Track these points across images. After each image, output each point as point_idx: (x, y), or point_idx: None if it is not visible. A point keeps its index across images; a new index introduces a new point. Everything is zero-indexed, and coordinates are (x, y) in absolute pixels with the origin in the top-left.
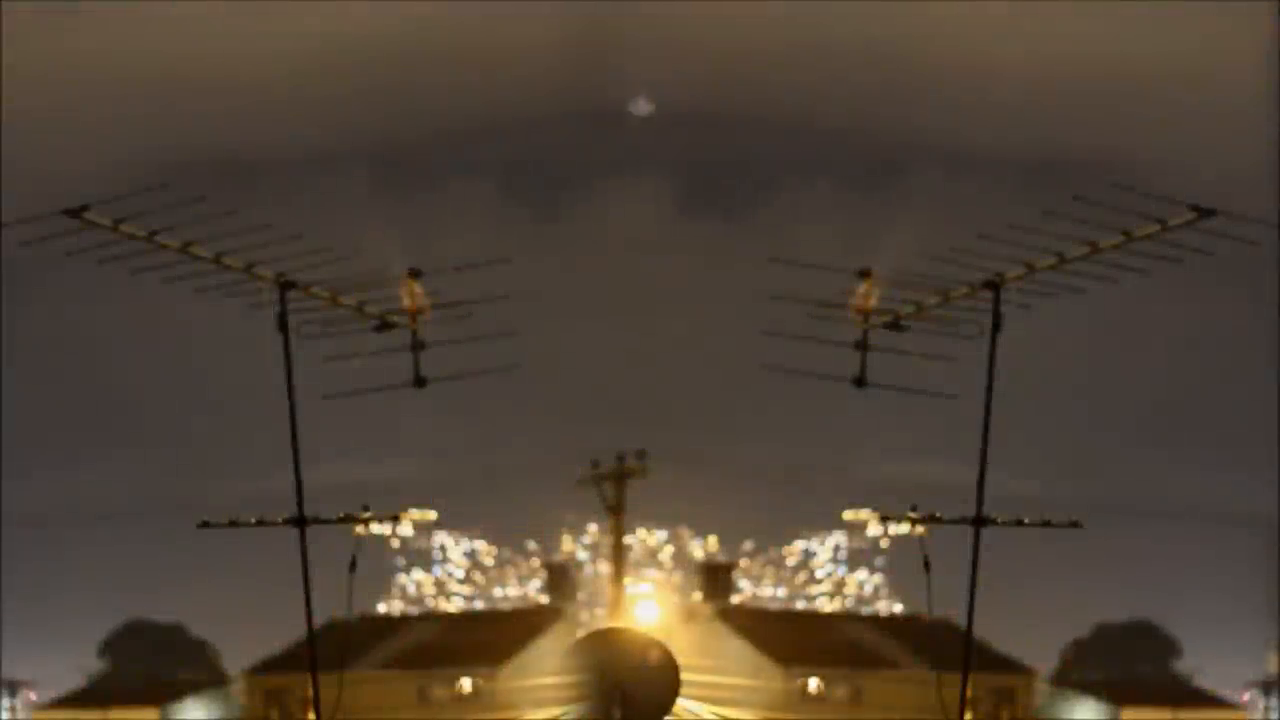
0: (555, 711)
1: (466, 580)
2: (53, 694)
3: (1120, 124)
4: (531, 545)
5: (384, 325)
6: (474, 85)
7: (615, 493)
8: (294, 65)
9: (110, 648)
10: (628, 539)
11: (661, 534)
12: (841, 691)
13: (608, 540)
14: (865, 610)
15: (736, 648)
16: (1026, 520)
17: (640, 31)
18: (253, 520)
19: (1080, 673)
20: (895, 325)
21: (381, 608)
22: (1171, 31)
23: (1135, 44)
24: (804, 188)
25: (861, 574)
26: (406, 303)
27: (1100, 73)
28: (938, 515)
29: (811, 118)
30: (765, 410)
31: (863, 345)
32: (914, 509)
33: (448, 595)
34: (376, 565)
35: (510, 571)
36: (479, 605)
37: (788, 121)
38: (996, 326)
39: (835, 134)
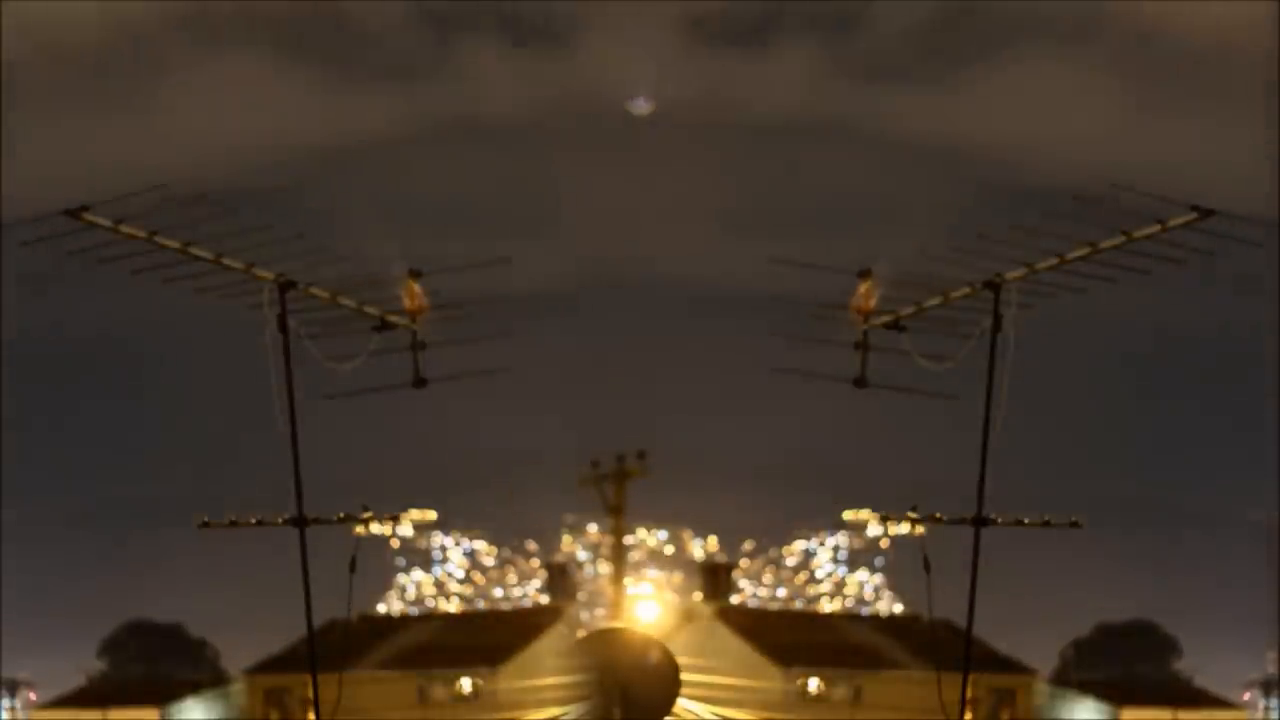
0: (555, 711)
1: (466, 580)
2: (53, 694)
3: (1119, 124)
4: (531, 545)
5: (384, 325)
6: None
7: (615, 493)
8: None
9: (110, 648)
10: (628, 539)
11: (661, 534)
12: (841, 691)
13: (608, 540)
14: (865, 610)
15: (736, 648)
16: (1026, 520)
17: None
18: (253, 520)
19: (1080, 673)
20: (895, 325)
21: (381, 608)
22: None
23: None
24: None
25: (861, 574)
26: (406, 303)
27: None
28: (938, 515)
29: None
30: (765, 410)
31: (863, 345)
32: (914, 509)
33: (448, 595)
34: (376, 565)
35: (510, 571)
36: (479, 605)
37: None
38: (997, 326)
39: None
